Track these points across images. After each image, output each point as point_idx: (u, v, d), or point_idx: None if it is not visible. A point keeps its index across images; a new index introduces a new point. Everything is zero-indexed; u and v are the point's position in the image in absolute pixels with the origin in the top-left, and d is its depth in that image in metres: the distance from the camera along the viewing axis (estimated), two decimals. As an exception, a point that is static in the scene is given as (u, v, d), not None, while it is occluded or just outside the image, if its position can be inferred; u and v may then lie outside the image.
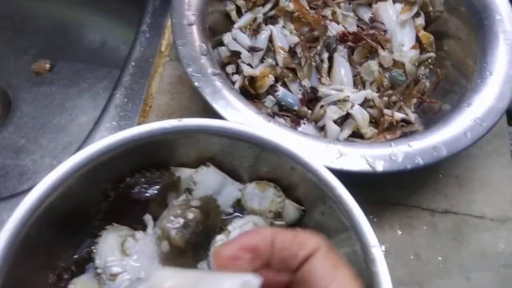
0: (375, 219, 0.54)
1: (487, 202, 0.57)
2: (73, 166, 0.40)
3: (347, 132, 0.52)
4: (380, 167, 0.45)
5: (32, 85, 0.94)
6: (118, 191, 0.45)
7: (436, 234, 0.54)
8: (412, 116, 0.53)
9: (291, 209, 0.46)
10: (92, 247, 0.42)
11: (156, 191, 0.45)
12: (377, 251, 0.39)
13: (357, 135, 0.54)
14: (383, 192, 0.56)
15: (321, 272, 0.22)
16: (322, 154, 0.46)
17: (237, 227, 0.44)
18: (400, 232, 0.54)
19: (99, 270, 0.40)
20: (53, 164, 0.82)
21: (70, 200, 0.42)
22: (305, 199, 0.47)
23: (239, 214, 0.48)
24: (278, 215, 0.47)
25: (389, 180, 0.56)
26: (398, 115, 0.51)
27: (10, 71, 0.95)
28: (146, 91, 0.61)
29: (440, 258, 0.53)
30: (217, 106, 0.47)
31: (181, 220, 0.43)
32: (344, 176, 0.42)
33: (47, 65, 0.94)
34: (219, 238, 0.44)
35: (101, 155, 0.41)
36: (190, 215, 0.44)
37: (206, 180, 0.46)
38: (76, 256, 0.44)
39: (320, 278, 0.22)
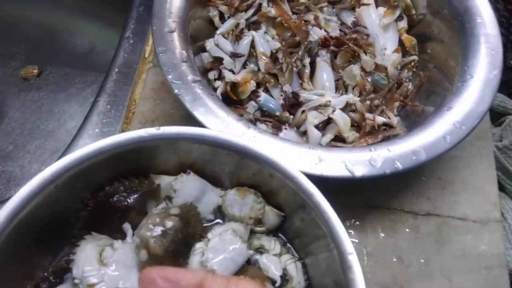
0: (357, 223, 0.53)
1: (470, 204, 0.56)
2: (49, 176, 0.40)
3: (329, 136, 0.52)
4: (359, 172, 0.44)
5: (19, 90, 0.94)
6: (97, 199, 0.44)
7: (419, 237, 0.54)
8: (395, 120, 0.53)
9: (272, 215, 0.46)
10: (70, 256, 0.41)
11: (135, 200, 0.45)
12: (353, 258, 0.38)
13: (339, 139, 0.54)
14: (365, 196, 0.55)
15: None
16: (302, 160, 0.45)
17: (217, 234, 0.44)
18: (382, 235, 0.54)
19: (76, 281, 0.40)
20: (40, 170, 0.82)
21: (48, 209, 0.42)
22: (285, 205, 0.46)
23: (220, 221, 0.47)
24: (258, 221, 0.46)
25: (371, 183, 0.56)
26: (380, 119, 0.51)
27: (-3, 77, 0.94)
28: (129, 97, 0.60)
29: (422, 261, 0.53)
30: (197, 113, 0.47)
31: (160, 229, 0.43)
32: (324, 181, 0.42)
33: (35, 71, 0.93)
34: (199, 246, 0.43)
35: (78, 165, 0.41)
36: (169, 223, 0.44)
37: (186, 187, 0.46)
38: (54, 266, 0.43)
39: None
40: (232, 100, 0.54)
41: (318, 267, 0.45)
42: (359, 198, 0.55)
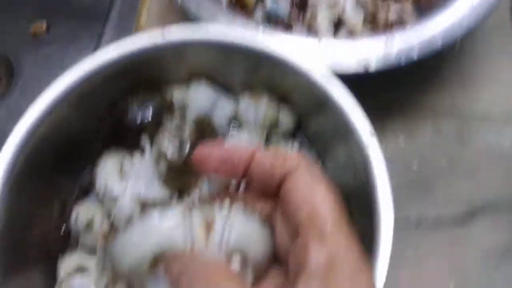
0: (376, 125, 0.51)
1: (493, 100, 0.53)
2: (62, 90, 0.39)
3: (341, 35, 0.49)
4: (373, 66, 0.42)
5: (31, 48, 0.93)
6: (112, 116, 0.43)
7: (440, 137, 0.52)
8: (409, 11, 0.49)
9: (287, 118, 0.44)
10: (93, 173, 0.41)
11: (149, 113, 0.44)
12: (373, 141, 0.37)
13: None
14: (383, 99, 0.52)
15: (301, 191, 0.21)
16: (314, 57, 0.43)
17: (233, 139, 0.43)
18: (402, 138, 0.51)
19: (100, 194, 0.40)
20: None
21: (65, 129, 0.41)
22: (300, 106, 0.45)
23: (235, 132, 0.46)
24: (274, 125, 0.45)
25: (389, 86, 0.53)
26: (393, 13, 0.47)
27: (8, 36, 0.93)
28: (135, 27, 0.58)
29: (444, 161, 0.51)
30: (203, 19, 0.45)
31: (177, 140, 0.42)
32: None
33: (44, 26, 0.91)
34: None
35: (88, 77, 0.39)
36: (186, 134, 0.43)
37: (199, 96, 0.44)
38: (77, 187, 0.43)
39: (299, 197, 0.21)
40: (239, 10, 0.51)
41: (336, 167, 0.43)
42: (377, 101, 0.52)
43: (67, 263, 0.37)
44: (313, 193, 0.20)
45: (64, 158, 0.42)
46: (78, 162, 0.44)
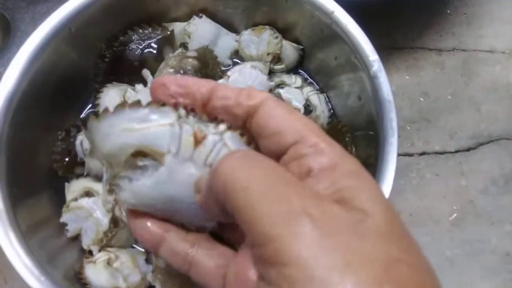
0: (380, 64, 0.51)
1: (497, 36, 0.53)
2: (63, 17, 0.39)
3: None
4: (378, -10, 0.41)
5: (28, 4, 0.92)
6: (113, 49, 0.43)
7: (444, 73, 0.52)
8: None
9: (290, 50, 0.44)
10: (95, 102, 0.42)
11: (151, 46, 0.44)
12: (377, 62, 0.37)
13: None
14: (387, 38, 0.53)
15: (277, 117, 0.20)
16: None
17: (236, 70, 0.43)
18: (407, 74, 0.52)
19: (104, 121, 0.40)
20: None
21: (68, 62, 0.41)
22: (304, 38, 0.44)
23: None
24: (277, 59, 0.45)
25: (393, 24, 0.53)
26: None
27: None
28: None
29: (449, 96, 0.51)
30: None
31: (179, 70, 0.42)
32: None
33: (39, -17, 0.90)
34: (220, 82, 0.42)
35: (85, 9, 0.39)
36: (188, 65, 0.43)
37: (200, 31, 0.44)
38: (82, 116, 0.44)
39: (279, 124, 0.20)
40: None
41: (339, 95, 0.44)
42: (381, 40, 0.51)
43: (74, 188, 0.38)
44: (293, 118, 0.20)
45: (66, 92, 0.42)
46: (80, 96, 0.44)
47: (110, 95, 0.41)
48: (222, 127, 0.21)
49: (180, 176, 0.21)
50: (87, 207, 0.37)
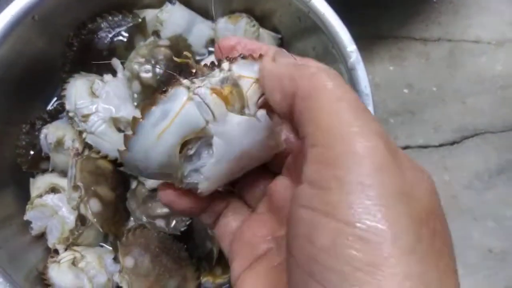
0: (363, 54, 0.51)
1: (484, 26, 0.53)
2: (26, 4, 0.38)
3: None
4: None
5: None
6: (81, 38, 0.42)
7: (429, 64, 0.52)
8: None
9: (267, 39, 0.44)
10: (61, 93, 0.41)
11: (121, 35, 0.43)
12: (355, 53, 0.37)
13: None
14: (371, 26, 0.52)
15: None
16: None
17: (211, 60, 0.42)
18: (390, 65, 0.51)
19: (71, 114, 0.39)
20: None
21: (33, 50, 0.40)
22: (282, 27, 0.44)
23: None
24: (254, 48, 0.44)
25: (378, 13, 0.52)
26: None
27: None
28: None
29: (434, 88, 0.51)
30: None
31: (150, 60, 0.42)
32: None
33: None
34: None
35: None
36: (160, 54, 0.42)
37: (173, 18, 0.43)
38: (49, 108, 0.43)
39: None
40: None
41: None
42: (364, 28, 0.52)
43: (39, 184, 0.38)
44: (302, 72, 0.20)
45: (31, 82, 0.41)
46: (45, 87, 0.43)
47: (77, 86, 0.40)
48: (226, 65, 0.21)
49: (235, 131, 0.21)
50: (52, 205, 0.37)
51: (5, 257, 0.34)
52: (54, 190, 0.38)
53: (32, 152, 0.39)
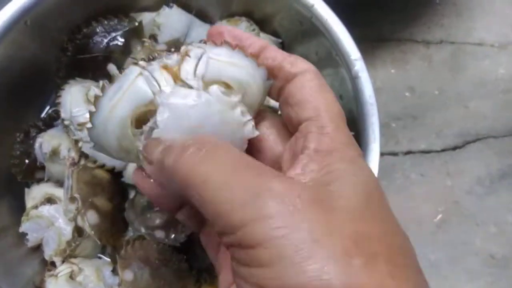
0: (365, 57, 0.50)
1: (487, 29, 0.53)
2: (18, 9, 0.37)
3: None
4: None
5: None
6: (76, 42, 0.42)
7: (432, 67, 0.51)
8: None
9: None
10: (56, 101, 0.40)
11: (117, 39, 0.42)
12: (360, 63, 0.36)
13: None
14: (373, 29, 0.52)
15: (306, 89, 0.22)
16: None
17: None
18: (392, 68, 0.51)
19: (66, 122, 0.39)
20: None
21: (26, 56, 0.40)
22: (283, 31, 0.43)
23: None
24: (254, 52, 0.44)
25: (380, 15, 0.52)
26: None
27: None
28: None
29: (436, 91, 0.51)
30: None
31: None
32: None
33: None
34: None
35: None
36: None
37: (171, 22, 0.43)
38: (43, 116, 0.42)
39: (306, 95, 0.21)
40: None
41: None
42: (367, 31, 0.52)
43: (34, 194, 0.37)
44: (320, 96, 0.21)
45: (25, 89, 0.41)
46: (40, 93, 0.43)
47: (72, 94, 0.40)
48: (183, 48, 0.22)
49: (180, 103, 0.21)
50: (48, 216, 0.36)
51: (1, 270, 0.33)
52: (50, 200, 0.37)
53: (27, 161, 0.38)
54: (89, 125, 0.22)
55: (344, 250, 0.16)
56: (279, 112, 0.25)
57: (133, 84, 0.21)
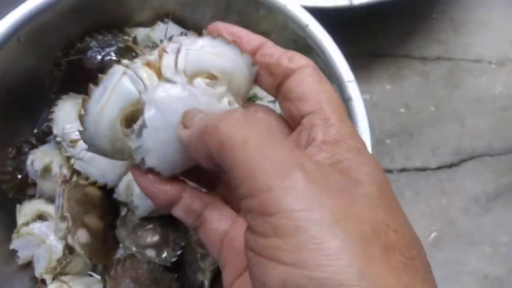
0: (361, 72, 0.51)
1: (485, 44, 0.53)
2: (10, 26, 0.37)
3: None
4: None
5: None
6: (70, 58, 0.42)
7: (428, 83, 0.52)
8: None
9: (262, 60, 0.44)
10: (49, 116, 0.41)
11: (111, 55, 0.43)
12: (353, 86, 0.37)
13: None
14: (369, 44, 0.53)
15: (307, 84, 0.22)
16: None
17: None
18: (388, 84, 0.52)
19: (58, 139, 0.39)
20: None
21: (19, 71, 0.40)
22: (277, 48, 0.44)
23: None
24: (249, 69, 0.44)
25: (377, 30, 0.53)
26: None
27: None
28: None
29: (432, 107, 0.51)
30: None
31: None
32: (322, 19, 0.39)
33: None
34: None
35: (41, 13, 0.38)
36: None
37: (166, 34, 0.43)
38: (35, 131, 0.43)
39: (306, 89, 0.22)
40: None
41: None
42: (363, 47, 0.52)
43: (26, 211, 0.38)
44: (321, 89, 0.22)
45: (18, 102, 0.41)
46: (33, 107, 0.43)
47: (66, 109, 0.40)
48: (165, 42, 0.23)
49: (165, 98, 0.21)
50: (39, 233, 0.37)
51: (-10, 288, 0.34)
52: (41, 217, 0.38)
53: (19, 176, 0.38)
54: (81, 128, 0.22)
55: (363, 236, 0.16)
56: (274, 107, 0.25)
57: (118, 84, 0.21)
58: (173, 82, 0.21)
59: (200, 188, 0.25)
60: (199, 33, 0.24)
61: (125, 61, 0.22)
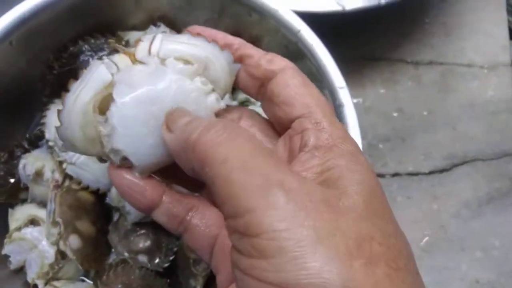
0: (355, 76, 0.52)
1: (477, 49, 0.54)
2: (4, 27, 0.37)
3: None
4: (350, 5, 0.41)
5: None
6: (62, 61, 0.42)
7: (421, 87, 0.52)
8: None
9: (256, 65, 0.44)
10: (41, 120, 0.41)
11: (103, 58, 0.43)
12: (344, 93, 0.37)
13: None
14: (362, 48, 0.53)
15: (291, 87, 0.22)
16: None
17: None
18: (382, 88, 0.52)
19: (51, 143, 0.39)
20: None
21: (11, 74, 0.40)
22: (269, 51, 0.44)
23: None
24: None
25: (370, 35, 0.53)
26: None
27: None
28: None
29: (425, 112, 0.52)
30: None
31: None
32: (314, 23, 0.39)
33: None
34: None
35: (34, 15, 0.38)
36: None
37: (159, 40, 0.43)
38: (28, 135, 0.43)
39: (292, 93, 0.22)
40: None
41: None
42: (356, 51, 0.53)
43: (18, 215, 0.38)
44: (306, 92, 0.22)
45: (10, 106, 0.41)
46: (25, 111, 0.43)
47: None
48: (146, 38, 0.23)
49: (135, 77, 0.21)
50: (31, 238, 0.37)
51: (-19, 294, 0.34)
52: (33, 222, 0.38)
53: (11, 181, 0.39)
54: (57, 123, 0.22)
55: (346, 251, 0.16)
56: (257, 110, 0.25)
57: (96, 72, 0.22)
58: (145, 63, 0.22)
59: (183, 190, 0.24)
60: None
61: (105, 58, 0.23)
